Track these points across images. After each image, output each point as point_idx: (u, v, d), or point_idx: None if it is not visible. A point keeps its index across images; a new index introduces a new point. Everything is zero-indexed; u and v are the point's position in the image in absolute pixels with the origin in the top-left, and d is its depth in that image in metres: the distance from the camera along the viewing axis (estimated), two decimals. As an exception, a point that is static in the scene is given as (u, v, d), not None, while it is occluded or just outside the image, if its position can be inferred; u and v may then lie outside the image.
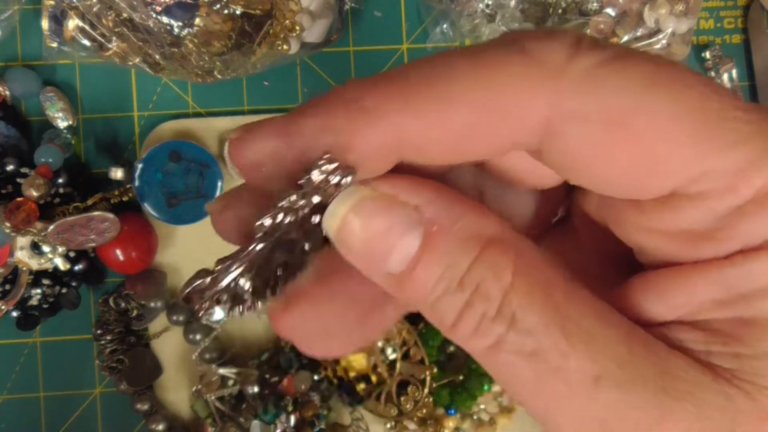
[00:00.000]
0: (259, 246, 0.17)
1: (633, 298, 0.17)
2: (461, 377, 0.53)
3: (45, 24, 0.51)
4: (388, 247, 0.16)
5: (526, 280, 0.16)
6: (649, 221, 0.17)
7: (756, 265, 0.16)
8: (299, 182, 0.17)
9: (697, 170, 0.15)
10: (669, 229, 0.16)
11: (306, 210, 0.17)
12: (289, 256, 0.17)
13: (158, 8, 0.48)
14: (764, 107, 0.16)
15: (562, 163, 0.16)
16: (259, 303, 0.18)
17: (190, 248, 0.54)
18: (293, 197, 0.17)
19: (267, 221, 0.17)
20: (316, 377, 0.52)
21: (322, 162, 0.16)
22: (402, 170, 0.17)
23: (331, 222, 0.17)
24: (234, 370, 0.53)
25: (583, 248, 0.20)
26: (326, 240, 0.17)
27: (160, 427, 0.52)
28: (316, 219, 0.17)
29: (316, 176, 0.16)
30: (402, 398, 0.52)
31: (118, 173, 0.51)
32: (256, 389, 0.51)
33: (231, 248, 0.18)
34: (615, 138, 0.15)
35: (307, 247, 0.17)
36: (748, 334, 0.16)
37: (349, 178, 0.16)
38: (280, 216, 0.17)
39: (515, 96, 0.16)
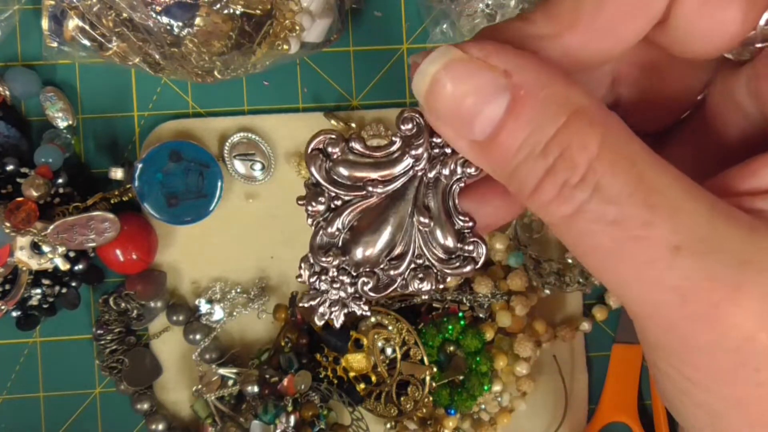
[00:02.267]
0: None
1: (728, 179, 0.17)
2: (461, 377, 0.53)
3: (45, 24, 0.50)
4: (475, 111, 0.16)
5: (612, 149, 0.16)
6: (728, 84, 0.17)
7: None
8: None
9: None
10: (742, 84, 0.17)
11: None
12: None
13: (158, 8, 0.48)
14: None
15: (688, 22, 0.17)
16: None
17: (190, 248, 0.54)
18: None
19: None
20: (316, 377, 0.52)
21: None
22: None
23: (420, 82, 0.17)
24: (234, 370, 0.53)
25: (700, 146, 0.19)
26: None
27: (160, 427, 0.52)
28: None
29: None
30: (402, 398, 0.52)
31: (118, 173, 0.51)
32: (256, 389, 0.51)
33: (228, 249, 0.18)
34: None
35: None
36: None
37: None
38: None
39: None
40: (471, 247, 0.20)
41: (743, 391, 0.16)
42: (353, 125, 0.54)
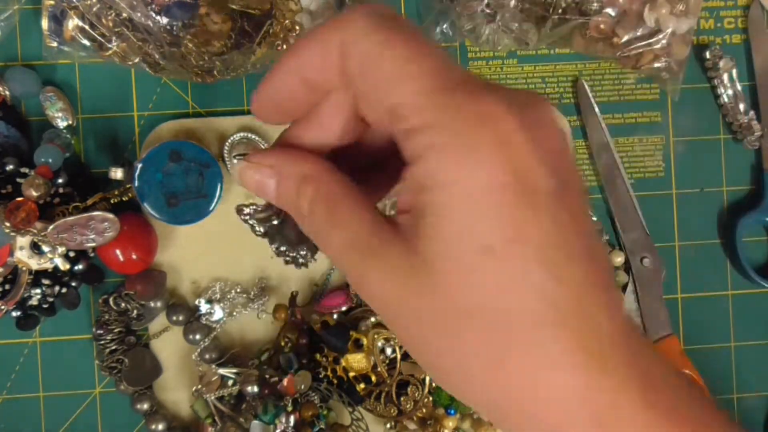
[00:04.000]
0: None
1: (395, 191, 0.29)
2: (461, 377, 0.53)
3: (45, 24, 0.50)
4: (262, 186, 0.29)
5: (319, 195, 0.28)
6: (378, 133, 0.29)
7: (412, 169, 0.25)
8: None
9: (392, 101, 0.25)
10: (397, 140, 0.26)
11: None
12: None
13: (158, 8, 0.48)
14: (448, 76, 0.25)
15: (351, 79, 0.26)
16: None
17: (190, 248, 0.54)
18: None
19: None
20: (316, 377, 0.52)
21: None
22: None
23: (235, 175, 0.32)
24: (234, 370, 0.53)
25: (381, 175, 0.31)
26: None
27: (160, 427, 0.52)
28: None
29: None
30: (402, 398, 0.52)
31: (117, 173, 0.51)
32: (256, 389, 0.51)
33: (228, 249, 0.19)
34: (364, 68, 0.26)
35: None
36: (417, 217, 0.25)
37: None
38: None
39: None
40: (303, 252, 0.35)
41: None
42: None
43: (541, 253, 0.23)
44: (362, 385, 0.53)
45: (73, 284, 0.51)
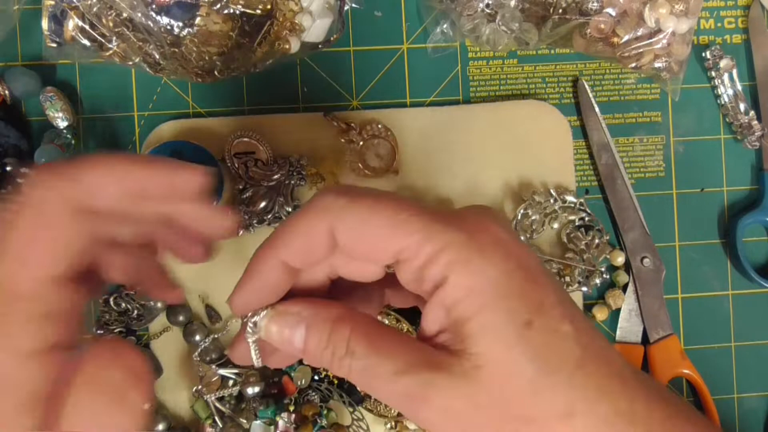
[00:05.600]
0: None
1: (422, 322, 0.31)
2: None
3: (45, 24, 0.50)
4: (291, 337, 0.31)
5: (357, 333, 0.30)
6: (402, 276, 0.30)
7: (442, 292, 0.29)
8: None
9: (398, 248, 0.29)
10: (407, 278, 0.30)
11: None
12: None
13: (158, 8, 0.48)
14: (431, 213, 0.29)
15: (347, 251, 0.30)
16: None
17: (190, 248, 0.54)
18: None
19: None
20: (316, 377, 0.52)
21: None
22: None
23: (260, 327, 0.32)
24: (234, 371, 0.53)
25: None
26: None
27: (160, 427, 0.52)
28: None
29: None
30: (402, 398, 0.52)
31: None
32: (256, 389, 0.51)
33: (229, 249, 0.19)
34: (358, 236, 0.30)
35: None
36: (459, 328, 0.29)
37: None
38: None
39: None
40: None
41: None
42: (353, 125, 0.54)
43: (562, 307, 0.29)
44: (362, 385, 0.53)
45: (73, 284, 0.51)
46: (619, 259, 0.56)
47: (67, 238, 0.29)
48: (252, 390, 0.51)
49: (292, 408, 0.51)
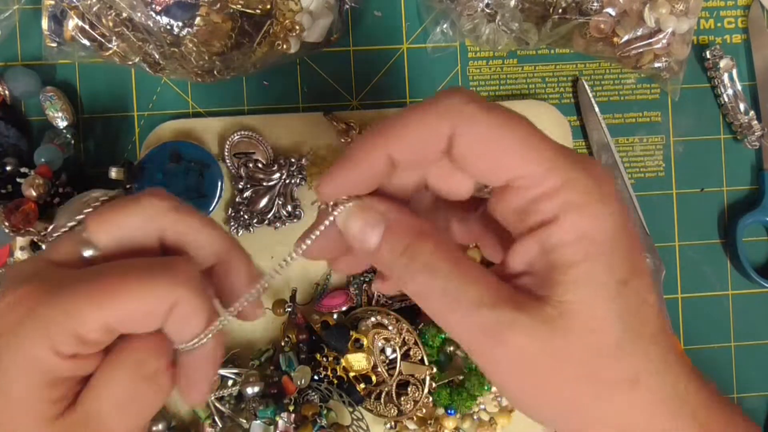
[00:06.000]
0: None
1: (507, 259, 0.29)
2: (461, 377, 0.53)
3: (45, 24, 0.50)
4: (367, 234, 0.29)
5: (441, 250, 0.28)
6: (504, 204, 0.29)
7: (548, 230, 0.27)
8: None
9: (521, 173, 0.27)
10: (510, 207, 0.28)
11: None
12: None
13: (158, 8, 0.48)
14: (559, 147, 0.28)
15: (459, 160, 0.28)
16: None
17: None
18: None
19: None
20: (316, 377, 0.52)
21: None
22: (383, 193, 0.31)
23: (340, 220, 0.30)
24: (234, 371, 0.53)
25: (491, 233, 0.33)
26: None
27: (160, 427, 0.52)
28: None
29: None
30: (402, 398, 0.52)
31: (118, 173, 0.51)
32: (255, 389, 0.51)
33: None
34: (483, 148, 0.28)
35: None
36: (553, 273, 0.27)
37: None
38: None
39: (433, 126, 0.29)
40: None
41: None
42: (353, 125, 0.54)
43: (649, 277, 0.29)
44: (362, 385, 0.53)
45: (73, 284, 0.51)
46: (619, 259, 0.56)
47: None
48: (251, 390, 0.51)
49: (291, 408, 0.51)
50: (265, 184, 0.53)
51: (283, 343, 0.53)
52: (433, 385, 0.52)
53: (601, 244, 0.27)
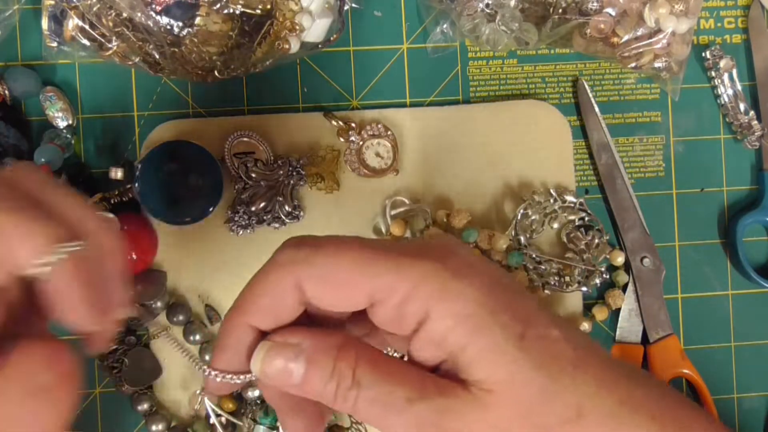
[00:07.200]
0: None
1: (414, 357, 0.30)
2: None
3: (45, 24, 0.50)
4: (289, 371, 0.29)
5: (363, 361, 0.29)
6: (379, 319, 0.30)
7: (428, 327, 0.28)
8: None
9: (371, 291, 0.28)
10: (386, 320, 0.29)
11: None
12: None
13: (158, 8, 0.48)
14: (395, 248, 0.29)
15: (316, 302, 0.30)
16: None
17: (190, 248, 0.54)
18: None
19: None
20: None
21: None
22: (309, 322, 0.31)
23: (254, 367, 0.30)
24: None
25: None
26: None
27: (160, 427, 0.52)
28: None
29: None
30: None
31: (117, 173, 0.51)
32: (257, 392, 0.51)
33: (227, 248, 0.19)
34: (327, 285, 0.29)
35: None
36: (456, 358, 0.28)
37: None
38: None
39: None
40: None
41: None
42: (353, 125, 0.54)
43: (544, 314, 0.30)
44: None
45: (73, 284, 0.51)
46: (619, 259, 0.56)
47: None
48: (253, 393, 0.51)
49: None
50: (264, 184, 0.53)
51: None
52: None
53: (478, 316, 0.28)
